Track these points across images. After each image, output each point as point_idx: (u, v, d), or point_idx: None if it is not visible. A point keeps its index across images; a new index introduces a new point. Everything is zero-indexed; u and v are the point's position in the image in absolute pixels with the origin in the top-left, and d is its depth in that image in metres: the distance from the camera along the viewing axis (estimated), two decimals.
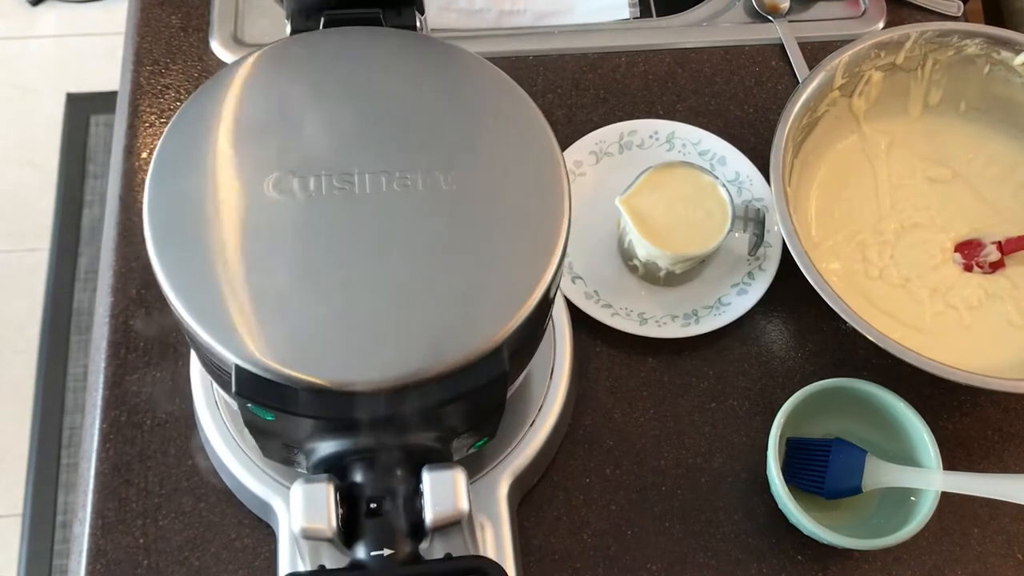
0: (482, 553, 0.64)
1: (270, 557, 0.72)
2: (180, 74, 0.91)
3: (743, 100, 0.92)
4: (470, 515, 0.52)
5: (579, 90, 0.92)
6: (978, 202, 0.85)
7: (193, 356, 0.75)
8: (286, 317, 0.49)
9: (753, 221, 0.79)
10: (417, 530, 0.52)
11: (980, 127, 0.87)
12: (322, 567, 0.52)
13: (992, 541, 0.75)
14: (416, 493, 0.52)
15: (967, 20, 0.97)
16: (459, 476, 0.52)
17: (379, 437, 0.53)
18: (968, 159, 0.87)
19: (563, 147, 0.86)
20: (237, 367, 0.48)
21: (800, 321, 0.82)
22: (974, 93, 0.86)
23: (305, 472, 0.57)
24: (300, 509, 0.50)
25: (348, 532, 0.51)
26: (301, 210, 0.52)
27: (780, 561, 0.74)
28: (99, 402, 0.76)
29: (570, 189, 0.55)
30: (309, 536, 0.50)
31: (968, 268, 0.82)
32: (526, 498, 0.74)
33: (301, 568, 0.55)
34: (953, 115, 0.87)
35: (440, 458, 0.54)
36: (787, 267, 0.79)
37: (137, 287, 0.81)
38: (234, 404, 0.57)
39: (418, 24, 0.61)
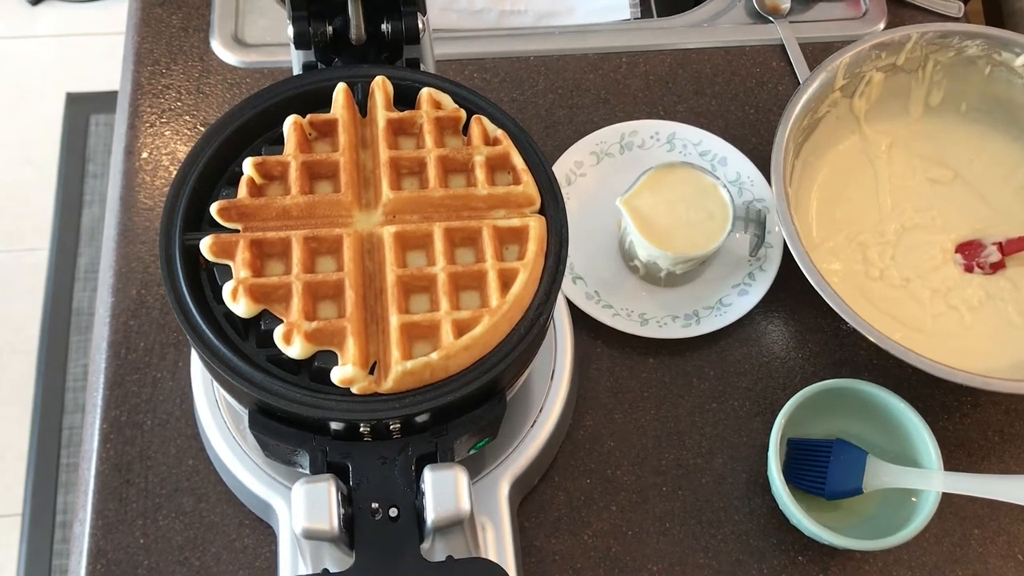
0: (483, 554, 0.64)
1: (271, 558, 0.72)
2: (180, 74, 0.91)
3: (744, 101, 0.92)
4: (471, 515, 0.52)
5: (580, 90, 0.91)
6: (979, 203, 0.85)
7: (193, 356, 0.75)
8: None
9: (754, 222, 0.79)
10: (419, 530, 0.52)
11: (981, 128, 0.87)
12: (325, 571, 0.51)
13: (992, 542, 0.75)
14: (418, 493, 0.52)
15: (968, 21, 0.97)
16: (461, 476, 0.52)
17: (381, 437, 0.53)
18: (969, 160, 0.87)
19: (564, 148, 0.86)
20: None
21: (801, 322, 0.82)
22: (975, 94, 0.86)
23: (306, 472, 0.57)
24: (302, 509, 0.50)
25: (350, 532, 0.51)
26: None
27: (781, 562, 0.74)
28: (99, 402, 0.76)
29: None
30: (311, 536, 0.50)
31: (969, 269, 0.82)
32: (527, 499, 0.74)
33: (302, 570, 0.55)
34: (954, 116, 0.87)
35: (442, 458, 0.54)
36: (788, 268, 0.79)
37: (137, 287, 0.81)
38: (236, 405, 0.57)
39: (420, 25, 0.61)
